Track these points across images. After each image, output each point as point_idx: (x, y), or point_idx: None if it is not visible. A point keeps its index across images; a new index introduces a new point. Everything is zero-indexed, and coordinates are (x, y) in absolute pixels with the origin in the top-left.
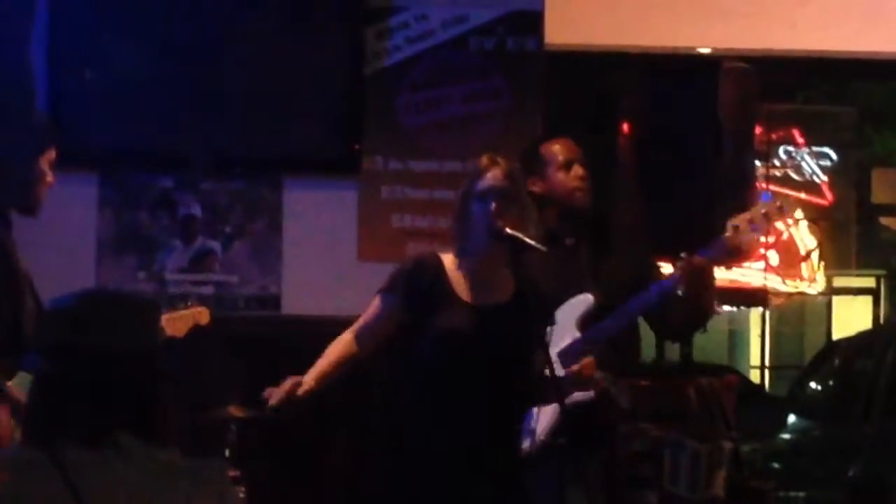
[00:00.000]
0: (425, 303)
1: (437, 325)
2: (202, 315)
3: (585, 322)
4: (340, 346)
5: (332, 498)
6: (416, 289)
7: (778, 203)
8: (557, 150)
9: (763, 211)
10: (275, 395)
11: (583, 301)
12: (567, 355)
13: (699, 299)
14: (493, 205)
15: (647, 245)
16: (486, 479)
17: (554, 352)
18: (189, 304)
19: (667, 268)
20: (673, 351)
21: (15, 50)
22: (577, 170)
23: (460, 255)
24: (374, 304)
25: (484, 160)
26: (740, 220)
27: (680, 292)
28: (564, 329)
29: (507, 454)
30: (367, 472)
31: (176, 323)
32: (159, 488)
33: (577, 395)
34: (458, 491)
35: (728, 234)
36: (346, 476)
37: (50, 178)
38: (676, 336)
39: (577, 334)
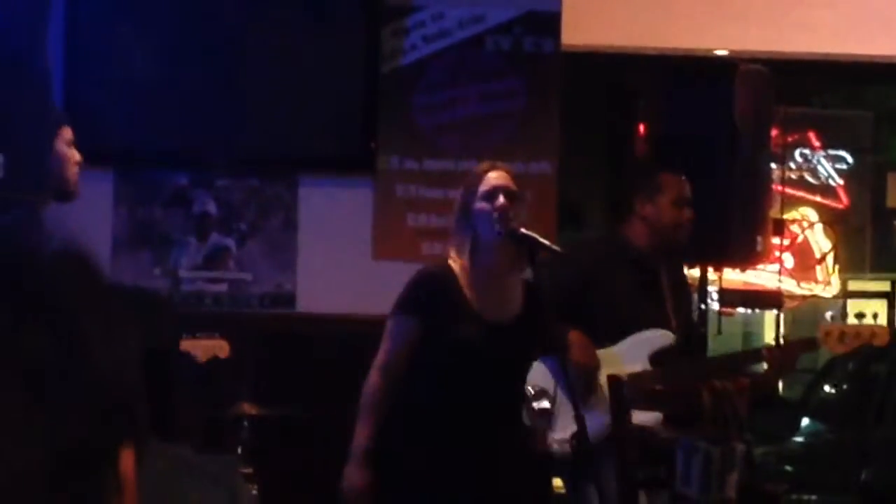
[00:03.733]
0: (440, 316)
1: (451, 336)
2: (222, 349)
3: (658, 358)
4: (380, 401)
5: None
6: (432, 305)
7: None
8: (677, 184)
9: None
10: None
11: (661, 337)
12: (636, 381)
13: (769, 384)
14: (501, 199)
15: None
16: (497, 480)
17: (621, 370)
18: (215, 334)
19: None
20: None
21: (31, 47)
22: (689, 212)
23: (469, 261)
24: (396, 335)
25: (483, 165)
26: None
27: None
28: (636, 355)
29: (517, 452)
30: (379, 470)
31: (196, 349)
32: (171, 485)
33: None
34: (470, 489)
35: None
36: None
37: (76, 156)
38: None
39: (648, 366)
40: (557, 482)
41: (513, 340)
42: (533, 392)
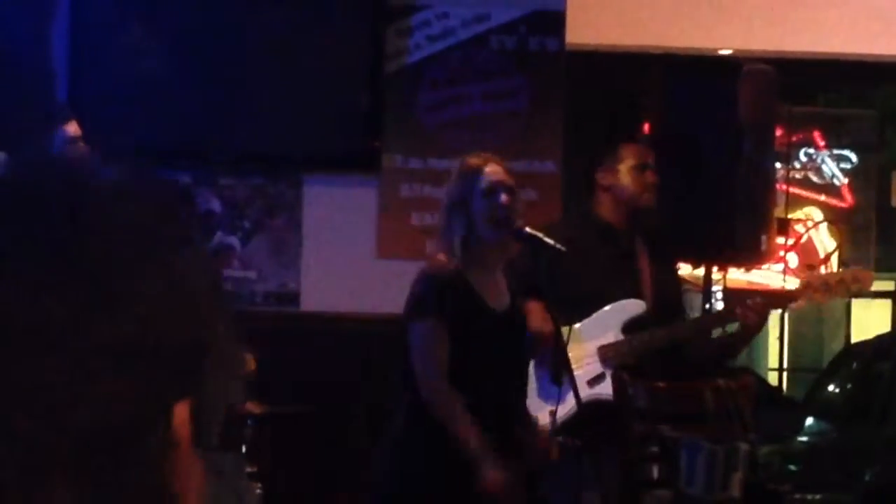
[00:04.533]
0: (461, 314)
1: (476, 332)
2: (248, 363)
3: (631, 327)
4: (459, 400)
5: (349, 493)
6: (454, 304)
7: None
8: (635, 151)
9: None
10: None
11: (634, 305)
12: (607, 353)
13: (745, 342)
14: (504, 196)
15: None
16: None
17: (592, 344)
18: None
19: (685, 268)
20: None
21: (35, 44)
22: (650, 175)
23: (465, 257)
24: (438, 340)
25: (475, 160)
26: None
27: (734, 328)
28: (607, 326)
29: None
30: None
31: None
32: None
33: (596, 391)
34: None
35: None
36: (362, 471)
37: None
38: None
39: (621, 335)
40: None
41: (516, 327)
42: None
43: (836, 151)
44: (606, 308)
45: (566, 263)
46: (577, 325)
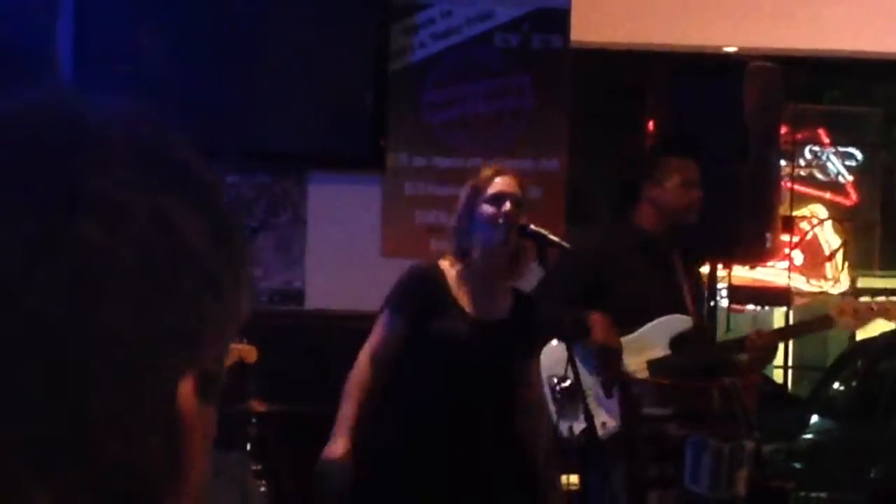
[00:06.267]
0: (427, 313)
1: (438, 332)
2: (249, 353)
3: (678, 342)
4: (366, 382)
5: (352, 490)
6: (419, 302)
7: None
8: (684, 167)
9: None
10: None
11: (680, 322)
12: (657, 369)
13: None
14: (508, 205)
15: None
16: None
17: (641, 358)
18: (243, 339)
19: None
20: None
21: (40, 40)
22: (697, 192)
23: (463, 262)
24: (385, 327)
25: (490, 169)
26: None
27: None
28: (655, 340)
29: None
30: (384, 465)
31: None
32: None
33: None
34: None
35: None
36: (365, 468)
37: None
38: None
39: (668, 350)
40: (573, 478)
41: (499, 339)
42: (556, 379)
43: (840, 149)
44: (654, 322)
45: (606, 273)
46: (625, 338)
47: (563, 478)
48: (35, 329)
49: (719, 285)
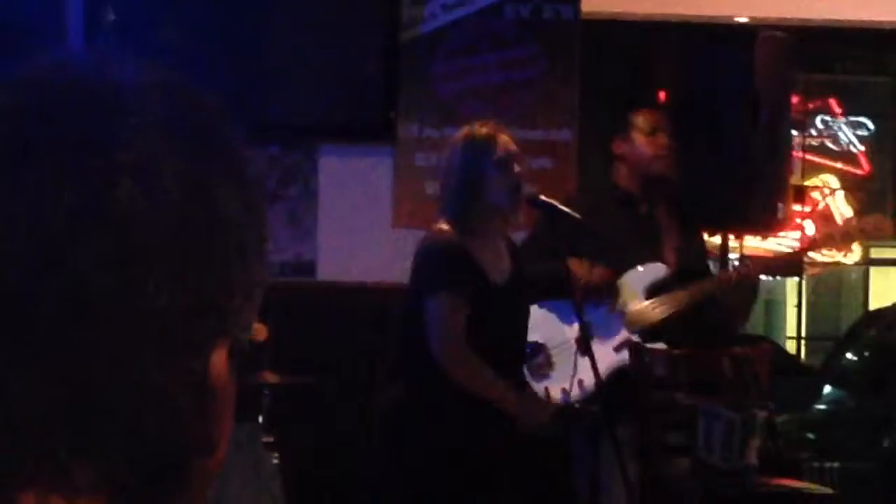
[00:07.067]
0: (470, 287)
1: (478, 308)
2: (259, 331)
3: (654, 290)
4: (483, 363)
5: (366, 463)
6: (466, 277)
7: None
8: (645, 116)
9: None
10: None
11: (654, 269)
12: (632, 319)
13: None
14: (517, 168)
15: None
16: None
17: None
18: None
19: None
20: None
21: (51, 18)
22: (662, 138)
23: (464, 230)
24: (452, 309)
25: (484, 129)
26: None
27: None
28: (631, 291)
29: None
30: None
31: None
32: None
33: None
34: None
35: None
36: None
37: None
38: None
39: (644, 301)
40: None
41: (514, 299)
42: (529, 349)
43: (852, 119)
44: (627, 274)
45: (587, 235)
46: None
47: None
48: (82, 304)
49: (731, 256)
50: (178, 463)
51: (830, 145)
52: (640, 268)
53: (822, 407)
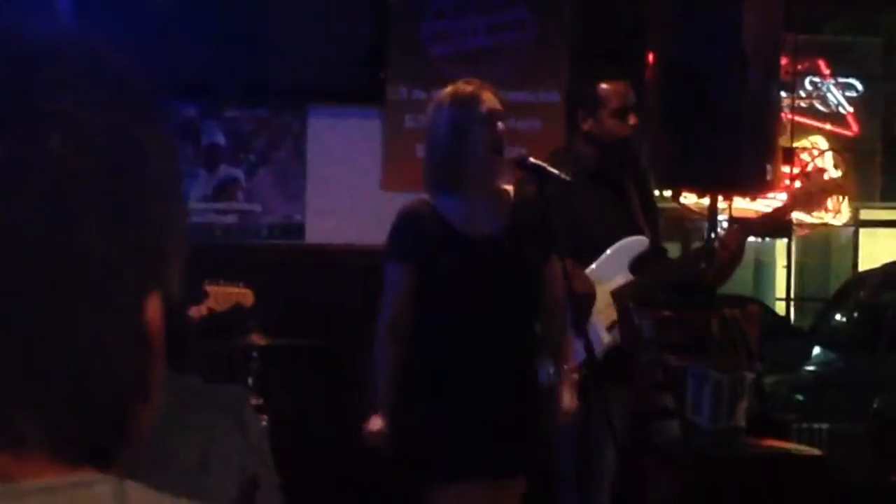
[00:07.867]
0: (429, 250)
1: (443, 266)
2: (246, 297)
3: (638, 265)
4: (394, 357)
5: (355, 425)
6: (419, 243)
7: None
8: (615, 94)
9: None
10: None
11: (636, 243)
12: (621, 296)
13: (728, 269)
14: (500, 125)
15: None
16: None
17: (604, 289)
18: (239, 283)
19: (691, 197)
20: None
21: None
22: (632, 118)
23: (444, 186)
24: (394, 281)
25: (469, 87)
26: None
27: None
28: (616, 267)
29: (522, 384)
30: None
31: (220, 297)
32: (178, 413)
33: (615, 335)
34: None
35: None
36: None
37: None
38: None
39: (630, 276)
40: None
41: (505, 249)
42: None
43: (841, 80)
44: (610, 250)
45: (565, 209)
46: (593, 267)
47: None
48: (15, 256)
49: (720, 217)
50: (119, 412)
51: (819, 106)
52: (620, 243)
53: (811, 368)
